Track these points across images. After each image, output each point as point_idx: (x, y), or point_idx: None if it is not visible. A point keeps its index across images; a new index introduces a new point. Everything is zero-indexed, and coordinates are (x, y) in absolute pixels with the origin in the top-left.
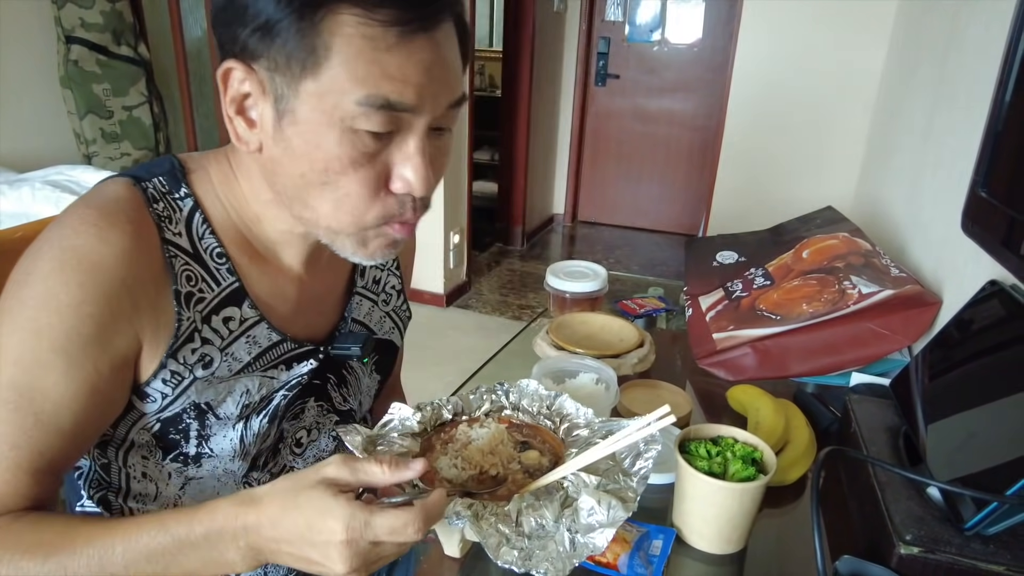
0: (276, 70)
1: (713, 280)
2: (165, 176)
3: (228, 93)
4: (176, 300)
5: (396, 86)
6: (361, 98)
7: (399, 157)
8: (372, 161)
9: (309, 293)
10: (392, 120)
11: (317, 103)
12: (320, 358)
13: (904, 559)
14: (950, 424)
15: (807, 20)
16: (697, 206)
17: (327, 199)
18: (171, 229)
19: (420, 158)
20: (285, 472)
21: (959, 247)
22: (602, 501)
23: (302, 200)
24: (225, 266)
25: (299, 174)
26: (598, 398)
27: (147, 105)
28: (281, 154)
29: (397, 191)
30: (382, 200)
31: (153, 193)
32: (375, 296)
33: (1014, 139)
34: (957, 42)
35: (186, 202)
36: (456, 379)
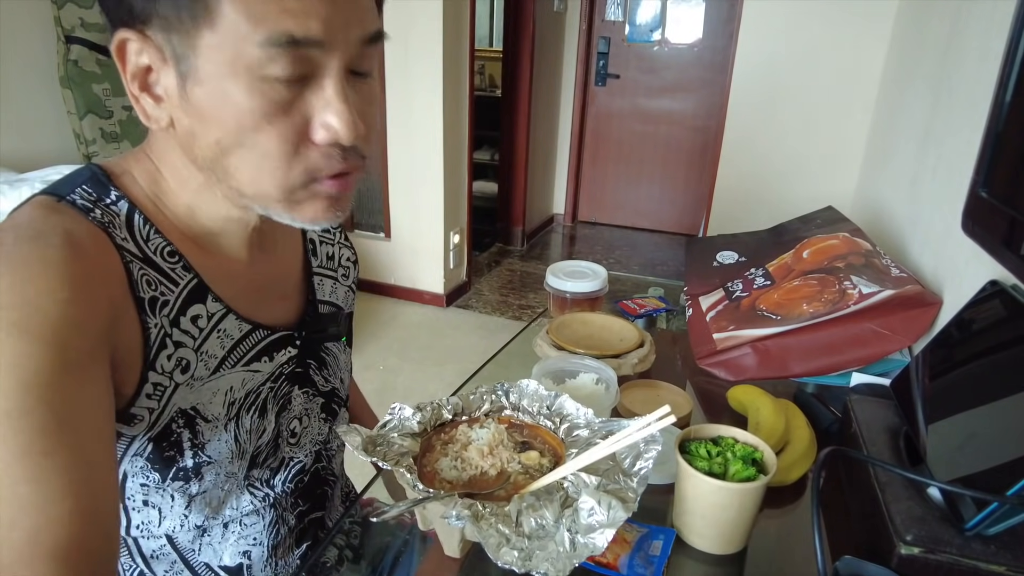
0: (169, 30)
1: (713, 280)
2: (88, 184)
3: (128, 69)
4: (139, 308)
5: (298, 19)
6: (263, 39)
7: (318, 104)
8: (288, 112)
9: (265, 280)
10: (301, 60)
11: (218, 55)
12: (298, 344)
13: (904, 559)
14: (950, 424)
15: (807, 20)
16: (697, 206)
17: (247, 163)
18: (117, 234)
19: (340, 101)
20: (285, 465)
21: (959, 247)
22: (602, 501)
23: (223, 169)
24: (180, 264)
25: (214, 140)
26: (598, 398)
27: None
28: (192, 122)
29: (321, 141)
30: (304, 156)
31: (83, 204)
32: (333, 272)
33: (1015, 139)
34: (957, 42)
35: (120, 205)
36: (456, 379)
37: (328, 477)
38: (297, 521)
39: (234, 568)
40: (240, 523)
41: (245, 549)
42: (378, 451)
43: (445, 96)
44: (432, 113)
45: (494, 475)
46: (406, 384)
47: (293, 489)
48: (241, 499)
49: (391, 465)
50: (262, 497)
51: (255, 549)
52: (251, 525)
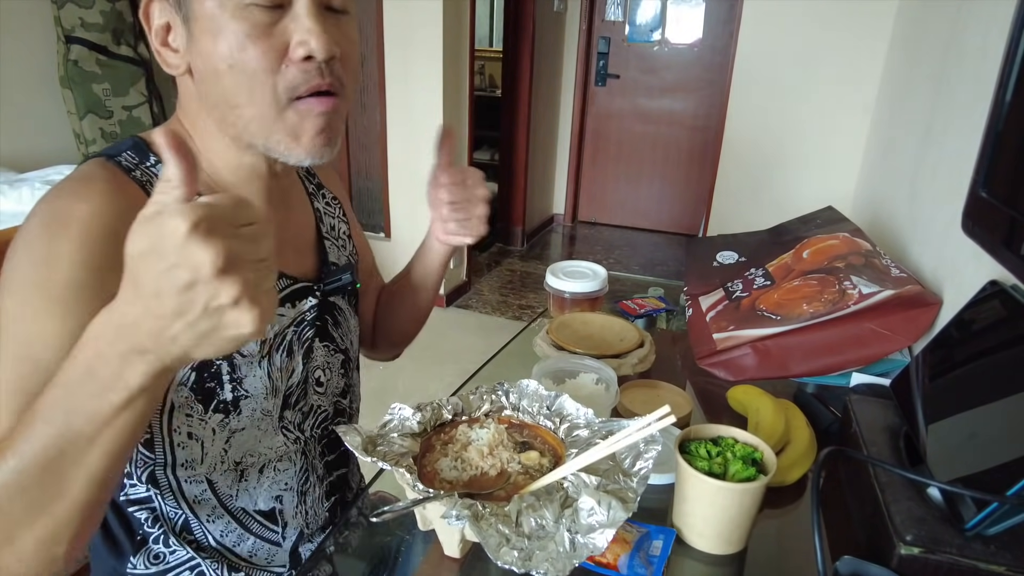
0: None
1: (713, 280)
2: (132, 151)
3: (152, 28)
4: None
5: None
6: None
7: (294, 27)
8: (268, 33)
9: (284, 233)
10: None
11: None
12: (318, 295)
13: (904, 559)
14: (950, 424)
15: (807, 20)
16: (697, 206)
17: (239, 84)
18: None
19: (311, 20)
20: (314, 411)
21: (959, 247)
22: (602, 501)
23: (224, 100)
24: None
25: (212, 71)
26: (598, 398)
27: (147, 105)
28: (199, 60)
29: (297, 58)
30: (285, 73)
31: (127, 165)
32: (336, 241)
33: (1015, 139)
34: (957, 42)
35: (158, 167)
36: (456, 379)
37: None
38: (325, 472)
39: (267, 512)
40: (274, 468)
41: (277, 494)
42: (378, 451)
43: (445, 96)
44: (432, 113)
45: (494, 475)
46: (406, 384)
47: (320, 436)
48: (275, 439)
49: (391, 465)
50: (294, 439)
51: (286, 494)
52: (283, 471)
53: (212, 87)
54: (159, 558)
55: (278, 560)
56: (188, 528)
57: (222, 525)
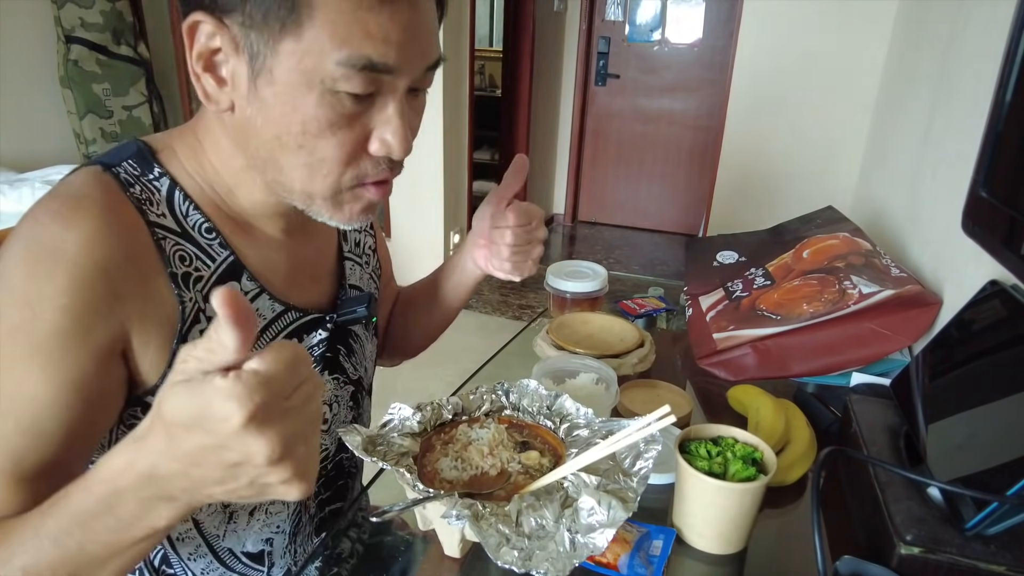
0: (252, 27)
1: (713, 280)
2: (134, 159)
3: (195, 48)
4: (175, 283)
5: (378, 46)
6: (343, 58)
7: (379, 120)
8: (351, 124)
9: (298, 261)
10: (373, 82)
11: (296, 63)
12: (329, 328)
13: (904, 559)
14: (950, 424)
15: (807, 20)
16: (697, 206)
17: (301, 163)
18: (154, 211)
19: (400, 120)
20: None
21: (959, 247)
22: (602, 501)
23: (276, 164)
24: (217, 241)
25: (274, 136)
26: (598, 398)
27: (147, 105)
28: (255, 114)
29: (375, 153)
30: (356, 163)
31: (127, 178)
32: (359, 258)
33: (1015, 139)
34: (957, 42)
35: (162, 182)
36: (456, 379)
37: (350, 468)
38: (318, 509)
39: (256, 554)
40: (266, 511)
41: (268, 536)
42: (378, 451)
43: (445, 96)
44: (432, 113)
45: (494, 475)
46: (406, 384)
47: (317, 477)
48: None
49: (391, 465)
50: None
51: (277, 537)
52: (276, 513)
53: (263, 145)
54: None
55: None
56: (167, 562)
57: (204, 563)
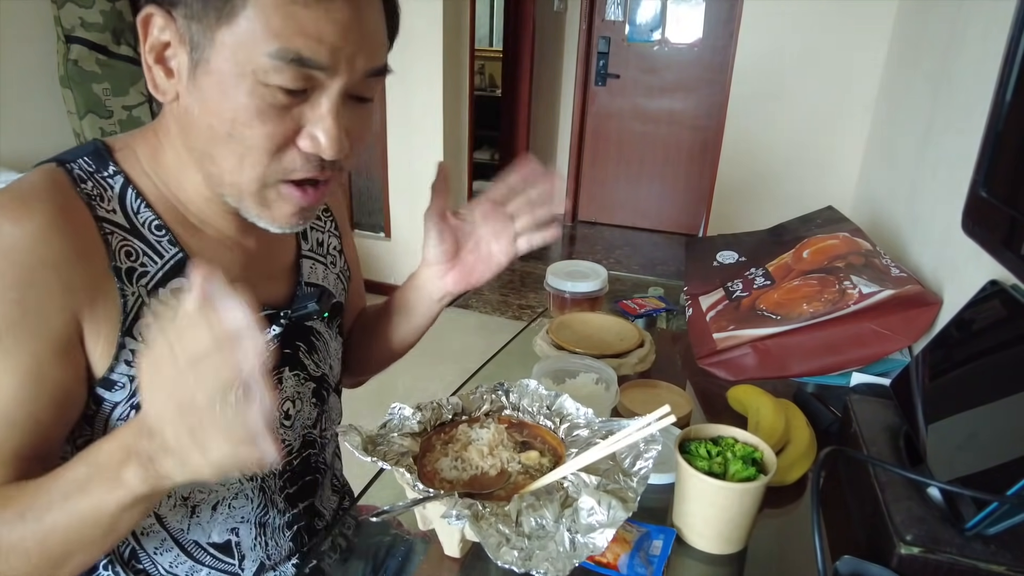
0: (193, 18)
1: (713, 280)
2: (90, 156)
3: (148, 40)
4: (117, 276)
5: (310, 43)
6: (273, 51)
7: (311, 116)
8: (281, 116)
9: (254, 259)
10: (304, 77)
11: (231, 54)
12: (283, 323)
13: (904, 559)
14: (950, 424)
15: (807, 20)
16: (697, 206)
17: (232, 152)
18: (103, 207)
19: (331, 119)
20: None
21: (959, 247)
22: (602, 501)
23: (209, 154)
24: (166, 238)
25: (207, 125)
26: (598, 398)
27: (147, 105)
28: (193, 103)
29: (304, 149)
30: (284, 155)
31: (80, 174)
32: (323, 258)
33: (1015, 139)
34: (957, 41)
35: (116, 179)
36: (456, 379)
37: (319, 465)
38: (287, 504)
39: (222, 545)
40: (228, 504)
41: (233, 526)
42: (378, 451)
43: (445, 96)
44: (432, 113)
45: (494, 475)
46: (406, 384)
47: (281, 472)
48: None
49: (391, 465)
50: (250, 477)
51: (242, 527)
52: (239, 507)
53: (199, 135)
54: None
55: None
56: (136, 557)
57: (171, 557)
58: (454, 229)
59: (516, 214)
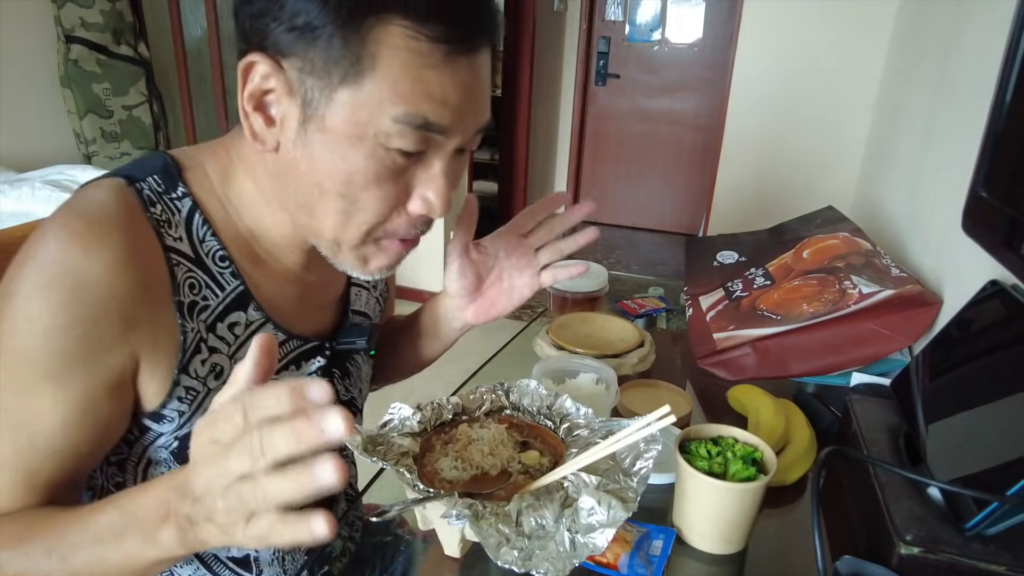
0: (311, 72)
1: (713, 280)
2: (159, 175)
3: (247, 87)
4: (179, 312)
5: (435, 106)
6: (400, 115)
7: (423, 178)
8: (395, 179)
9: (309, 292)
10: (424, 140)
11: (351, 114)
12: (327, 355)
13: (904, 559)
14: (951, 424)
15: (807, 20)
16: (697, 206)
17: (339, 210)
18: (171, 234)
19: (444, 180)
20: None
21: (960, 247)
22: (602, 501)
23: (310, 209)
24: (229, 270)
25: (315, 183)
26: (598, 398)
27: (147, 105)
28: (300, 159)
29: (413, 211)
30: (394, 217)
31: (149, 195)
32: (367, 283)
33: (1015, 139)
34: (957, 42)
35: (184, 202)
36: (456, 379)
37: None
38: None
39: (241, 559)
40: None
41: None
42: (378, 451)
43: None
44: None
45: (494, 475)
46: (406, 384)
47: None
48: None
49: (391, 465)
50: None
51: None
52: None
53: (301, 190)
54: None
55: None
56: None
57: (191, 570)
58: (476, 263)
59: (540, 247)
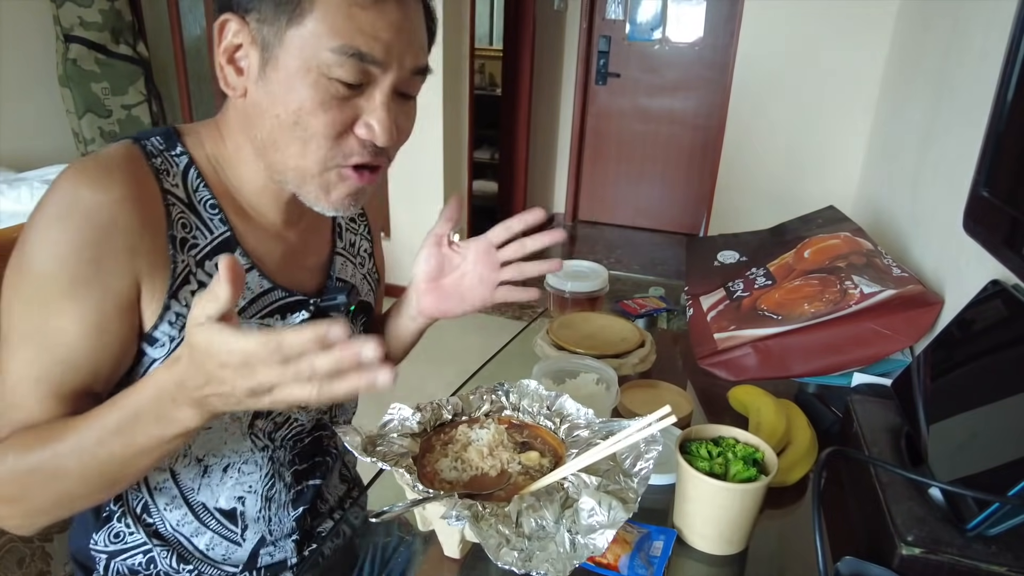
0: (265, 21)
1: (714, 280)
2: (161, 136)
3: (222, 43)
4: (172, 244)
5: (367, 40)
6: (336, 47)
7: (366, 108)
8: (340, 107)
9: (292, 250)
10: (362, 72)
11: (298, 51)
12: (311, 309)
13: (906, 560)
14: (952, 424)
15: (808, 19)
16: (698, 205)
17: (296, 139)
18: (168, 180)
19: (384, 110)
20: (289, 422)
21: (961, 247)
22: (603, 502)
23: (274, 142)
24: (218, 216)
25: (274, 115)
26: (599, 398)
27: (146, 104)
28: (262, 97)
29: (360, 136)
30: (344, 142)
31: (151, 150)
32: (353, 258)
33: (1016, 139)
34: (959, 41)
35: (181, 159)
36: (456, 379)
37: (330, 449)
38: (294, 480)
39: (228, 511)
40: (238, 469)
41: (240, 495)
42: (378, 451)
43: (445, 95)
44: (432, 112)
45: (494, 476)
46: (406, 384)
47: (292, 447)
48: (242, 444)
49: (391, 465)
50: (262, 447)
51: (249, 497)
52: (248, 473)
53: (265, 125)
54: (119, 537)
55: (235, 559)
56: (147, 511)
57: (179, 515)
58: (445, 256)
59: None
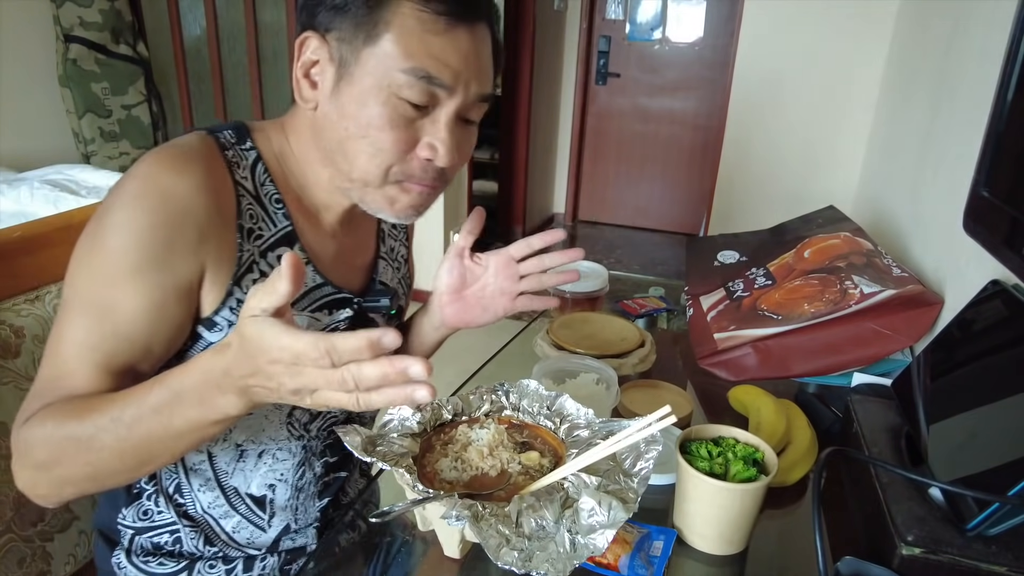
0: (344, 40)
1: (714, 280)
2: (232, 130)
3: (300, 59)
4: (239, 233)
5: (437, 64)
6: (407, 68)
7: (430, 129)
8: (406, 126)
9: (344, 250)
10: (429, 94)
11: (372, 69)
12: (355, 308)
13: (906, 560)
14: (952, 424)
15: (809, 19)
16: (698, 205)
17: (363, 151)
18: (239, 172)
19: (447, 132)
20: (323, 414)
21: (961, 247)
22: (603, 502)
23: (343, 151)
24: (282, 211)
25: (344, 127)
26: (599, 398)
27: (146, 104)
28: (333, 110)
29: (422, 156)
30: (406, 161)
31: (224, 142)
32: (392, 263)
33: (1016, 138)
34: (959, 41)
35: (250, 153)
36: (456, 379)
37: None
38: (323, 471)
39: (258, 498)
40: (273, 455)
41: (271, 483)
42: (378, 451)
43: None
44: None
45: (494, 476)
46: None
47: (325, 436)
48: (280, 432)
49: (391, 465)
50: (298, 436)
51: (280, 485)
52: (282, 460)
53: (335, 136)
54: (147, 514)
55: (258, 543)
56: (180, 491)
57: (211, 497)
58: (467, 268)
59: (525, 275)
